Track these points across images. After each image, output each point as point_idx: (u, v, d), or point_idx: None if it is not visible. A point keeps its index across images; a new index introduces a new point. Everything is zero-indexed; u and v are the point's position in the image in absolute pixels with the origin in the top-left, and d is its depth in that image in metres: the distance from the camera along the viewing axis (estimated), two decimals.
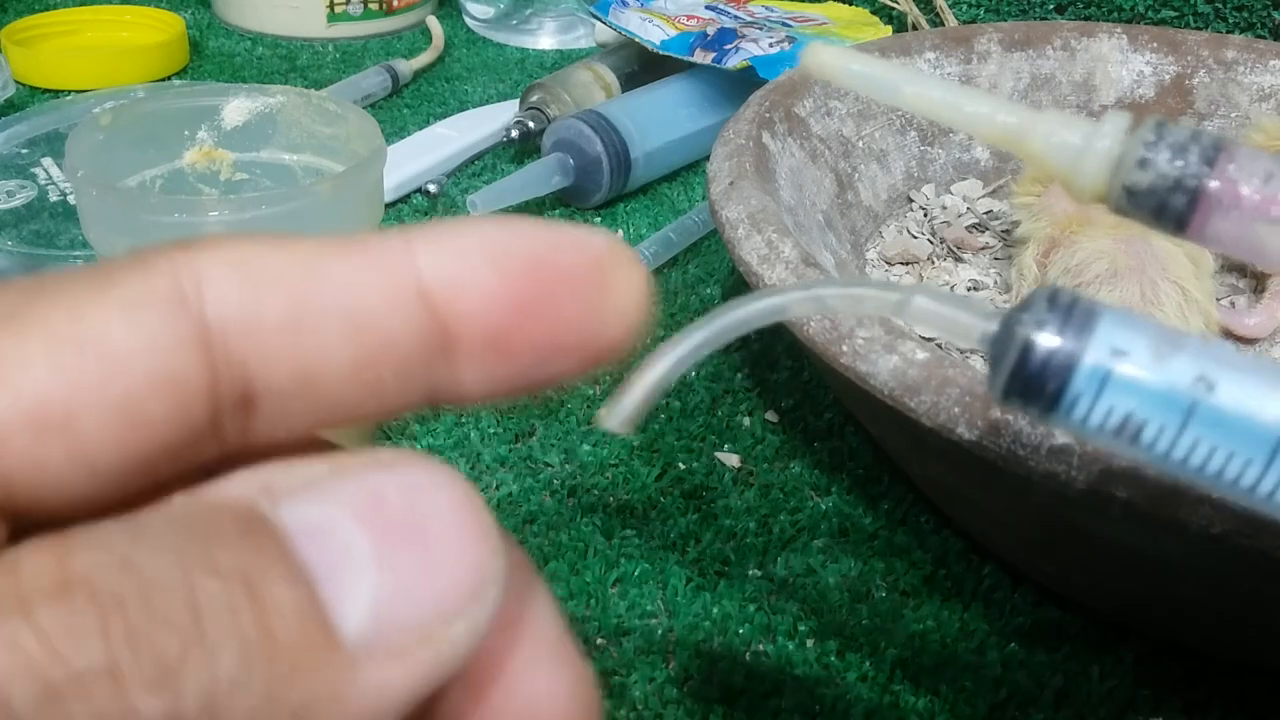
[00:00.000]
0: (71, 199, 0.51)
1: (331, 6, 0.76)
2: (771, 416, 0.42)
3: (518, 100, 0.63)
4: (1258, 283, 0.45)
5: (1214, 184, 0.18)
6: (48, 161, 0.54)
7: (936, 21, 0.75)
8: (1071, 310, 0.16)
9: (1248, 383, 0.16)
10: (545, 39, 0.79)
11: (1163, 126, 0.19)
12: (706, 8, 0.70)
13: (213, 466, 0.13)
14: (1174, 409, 0.16)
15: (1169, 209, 0.18)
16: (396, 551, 0.12)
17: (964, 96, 0.20)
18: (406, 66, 0.69)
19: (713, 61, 0.60)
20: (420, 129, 0.61)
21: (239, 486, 0.12)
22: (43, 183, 0.52)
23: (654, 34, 0.64)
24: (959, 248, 0.48)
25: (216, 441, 0.13)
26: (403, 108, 0.67)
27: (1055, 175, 0.19)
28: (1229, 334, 0.43)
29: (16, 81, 0.67)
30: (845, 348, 0.30)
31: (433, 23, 0.76)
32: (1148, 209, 0.19)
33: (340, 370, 0.13)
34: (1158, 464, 0.17)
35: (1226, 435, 0.16)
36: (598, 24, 0.69)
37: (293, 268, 0.13)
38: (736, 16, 0.68)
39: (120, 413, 0.12)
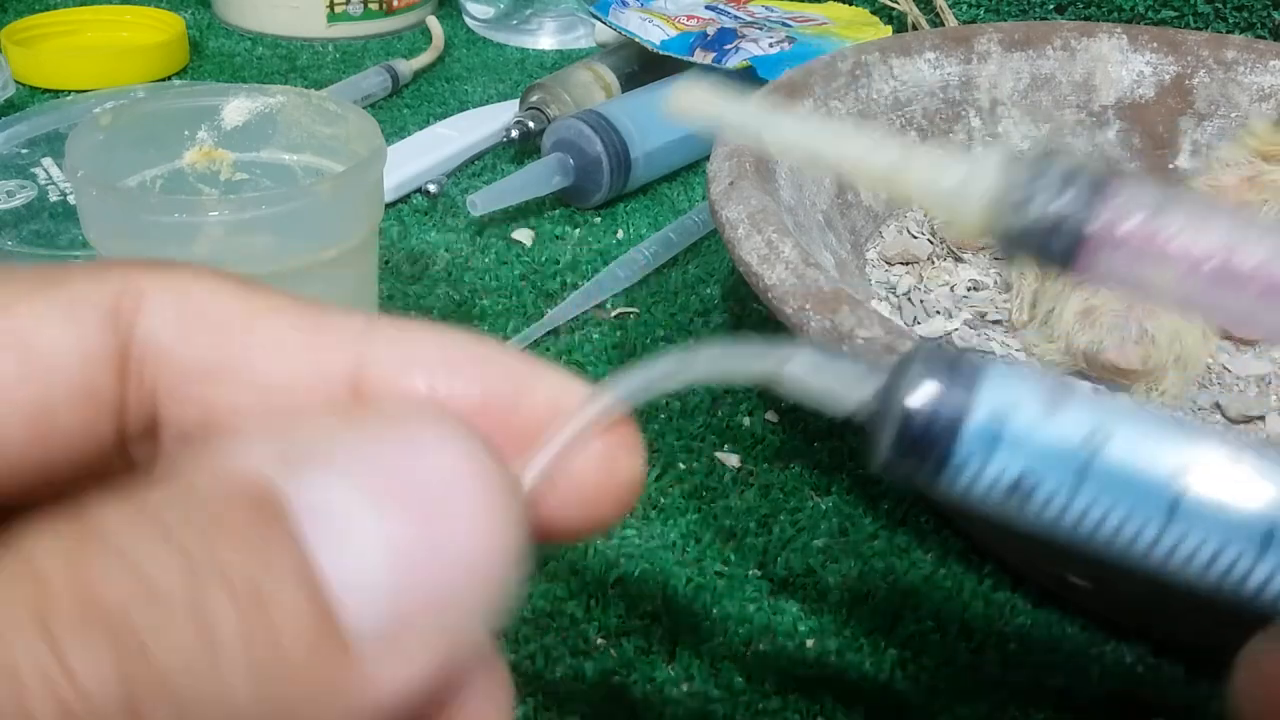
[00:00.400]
0: (71, 199, 0.51)
1: (331, 6, 0.76)
2: (771, 416, 0.42)
3: (518, 100, 0.63)
4: None
5: (1092, 228, 0.17)
6: (48, 161, 0.54)
7: (936, 21, 0.75)
8: (956, 367, 0.16)
9: (1143, 436, 0.15)
10: (545, 39, 0.79)
11: (1038, 166, 0.18)
12: (706, 8, 0.70)
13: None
14: (1067, 467, 0.15)
15: (1049, 253, 0.18)
16: (409, 537, 0.12)
17: (841, 138, 0.19)
18: (406, 66, 0.69)
19: (713, 61, 0.60)
20: (420, 129, 0.61)
21: (256, 452, 0.12)
22: (42, 182, 0.52)
23: (654, 34, 0.64)
24: (959, 247, 0.48)
25: (124, 463, 0.12)
26: (403, 108, 0.67)
27: (938, 217, 0.19)
28: (1228, 335, 0.43)
29: (16, 81, 0.67)
30: (845, 348, 0.30)
31: (433, 23, 0.76)
32: (1029, 252, 0.18)
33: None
34: (1051, 529, 0.16)
35: (1122, 493, 0.15)
36: (598, 24, 0.69)
37: (235, 318, 0.12)
38: (736, 16, 0.68)
39: (31, 413, 0.11)
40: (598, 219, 0.56)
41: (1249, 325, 0.18)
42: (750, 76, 0.58)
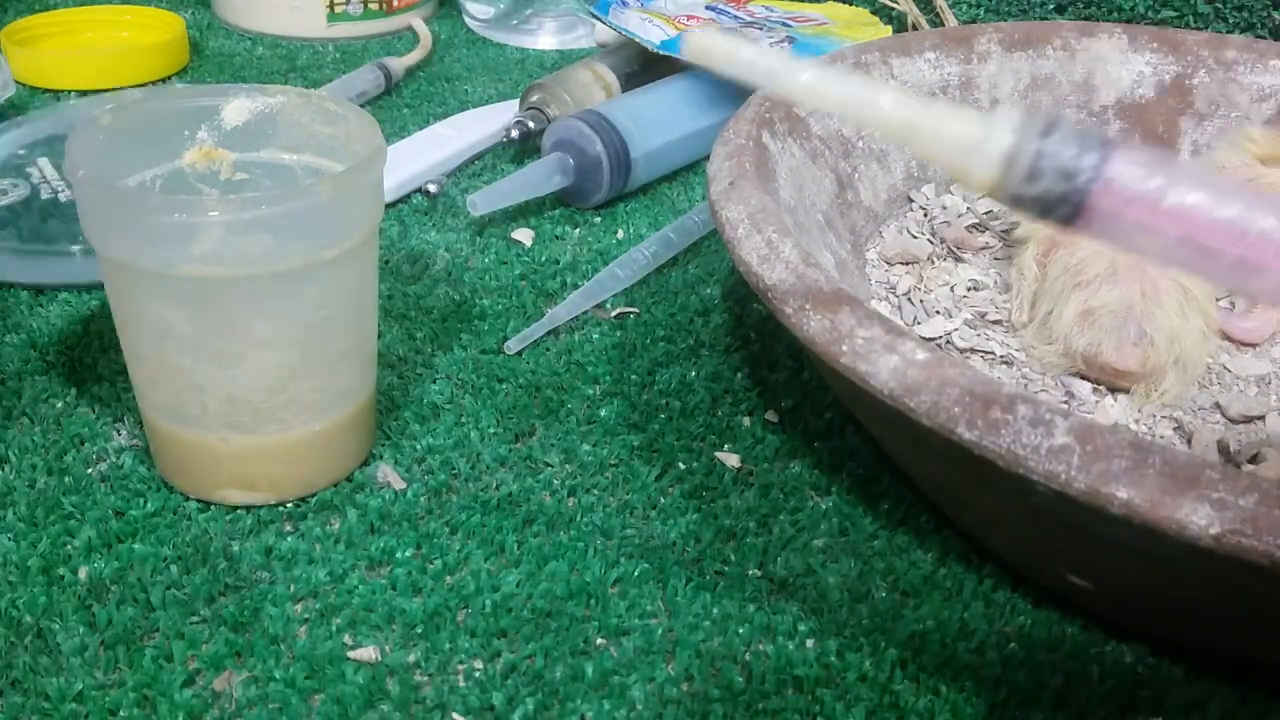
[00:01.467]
0: (63, 198, 0.51)
1: (331, 6, 0.77)
2: (771, 416, 0.42)
3: (518, 100, 0.63)
4: None
5: (1096, 199, 0.19)
6: (43, 161, 0.54)
7: (936, 21, 0.75)
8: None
9: None
10: (545, 39, 0.79)
11: (1049, 132, 0.19)
12: (706, 8, 0.70)
13: None
14: None
15: (1052, 214, 0.19)
16: None
17: (858, 87, 0.20)
18: (398, 64, 0.69)
19: None
20: (420, 129, 0.62)
21: None
22: (36, 181, 0.52)
23: (654, 34, 0.64)
24: (959, 248, 0.48)
25: None
26: (402, 107, 0.67)
27: (948, 173, 0.19)
28: (1227, 337, 0.43)
29: (16, 81, 0.67)
30: (845, 348, 0.30)
31: (417, 23, 0.76)
32: (1034, 213, 0.19)
33: None
34: None
35: None
36: (598, 24, 0.69)
37: None
38: (736, 16, 0.68)
39: None
40: (598, 219, 0.56)
41: (1236, 289, 0.19)
42: None
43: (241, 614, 0.32)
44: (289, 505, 0.36)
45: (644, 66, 0.64)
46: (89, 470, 0.37)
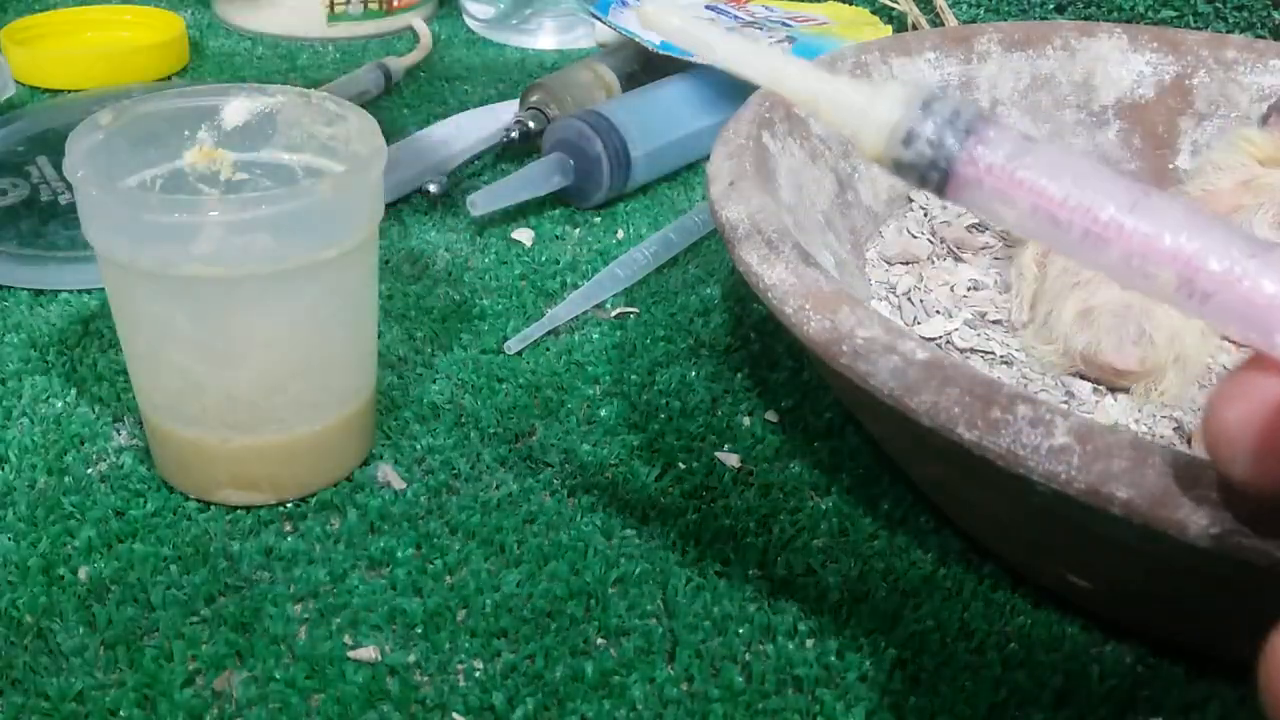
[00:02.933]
0: (63, 199, 0.51)
1: (331, 6, 0.77)
2: (771, 416, 0.42)
3: (518, 100, 0.63)
4: None
5: (962, 166, 0.21)
6: (42, 161, 0.54)
7: (936, 21, 0.75)
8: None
9: None
10: (545, 39, 0.79)
11: (929, 105, 0.22)
12: (706, 8, 0.70)
13: None
14: None
15: (928, 181, 0.22)
16: None
17: (769, 58, 0.23)
18: (397, 64, 0.69)
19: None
20: (420, 129, 0.62)
21: None
22: (35, 181, 0.52)
23: (654, 34, 0.64)
24: (959, 248, 0.48)
25: None
26: (402, 107, 0.67)
27: (843, 136, 0.23)
28: (1226, 336, 0.43)
29: (16, 81, 0.67)
30: (845, 348, 0.30)
31: (417, 22, 0.76)
32: (913, 179, 0.22)
33: None
34: None
35: None
36: (598, 24, 0.69)
37: None
38: (736, 16, 0.68)
39: None
40: (598, 219, 0.56)
41: (1087, 264, 0.21)
42: None
43: (241, 614, 0.32)
44: (289, 505, 0.36)
45: (644, 66, 0.64)
46: (89, 470, 0.37)
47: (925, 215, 0.50)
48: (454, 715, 0.30)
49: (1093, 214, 0.20)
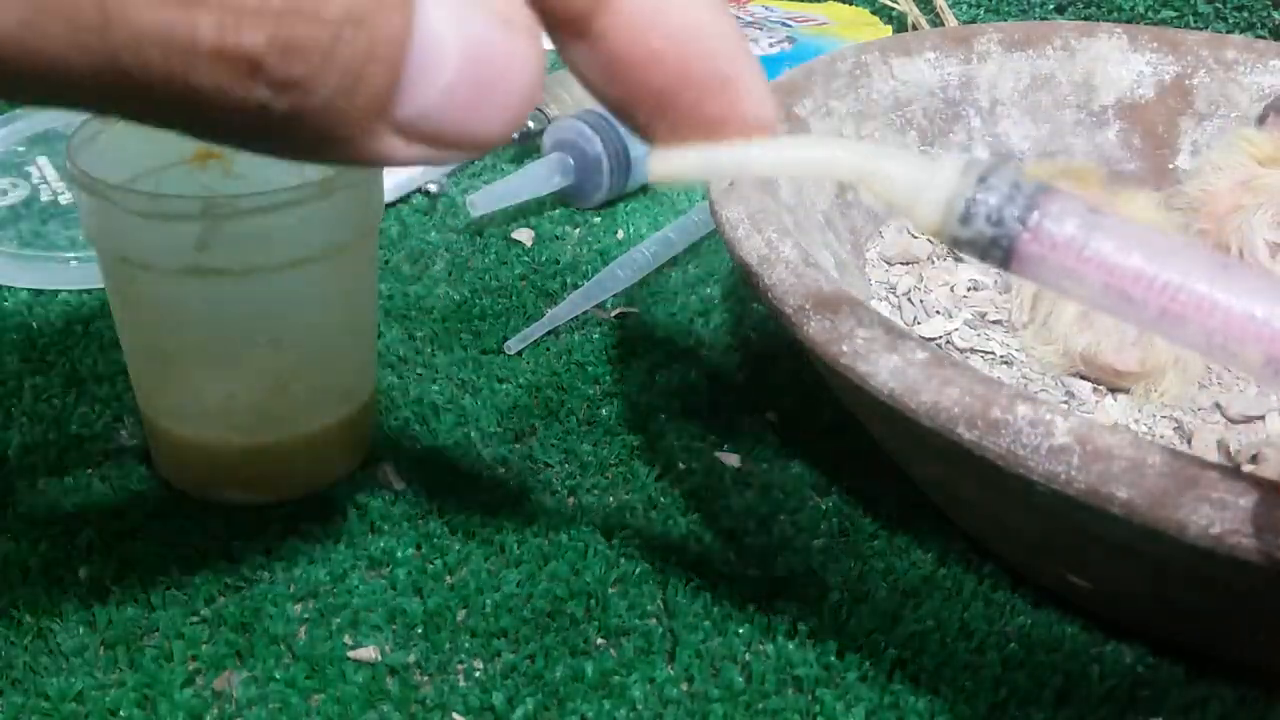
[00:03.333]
0: (63, 199, 0.51)
1: None
2: (771, 416, 0.42)
3: None
4: None
5: (1024, 245, 0.20)
6: (43, 161, 0.54)
7: (936, 21, 0.75)
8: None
9: None
10: (546, 39, 0.79)
11: (985, 179, 0.20)
12: None
13: None
14: None
15: (989, 257, 0.21)
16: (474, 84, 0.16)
17: (815, 149, 0.21)
18: None
19: None
20: None
21: None
22: (35, 181, 0.52)
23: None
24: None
25: None
26: None
27: (900, 211, 0.21)
28: None
29: None
30: (845, 348, 0.30)
31: None
32: (974, 255, 0.21)
33: None
34: None
35: None
36: None
37: None
38: (737, 17, 0.68)
39: None
40: (598, 219, 0.56)
41: (1166, 338, 0.20)
42: None
43: (241, 614, 0.32)
44: (289, 505, 0.36)
45: None
46: (89, 470, 0.37)
47: None
48: (454, 715, 0.30)
49: (1169, 292, 0.19)
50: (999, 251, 0.20)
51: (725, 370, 0.44)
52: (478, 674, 0.31)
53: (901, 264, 0.47)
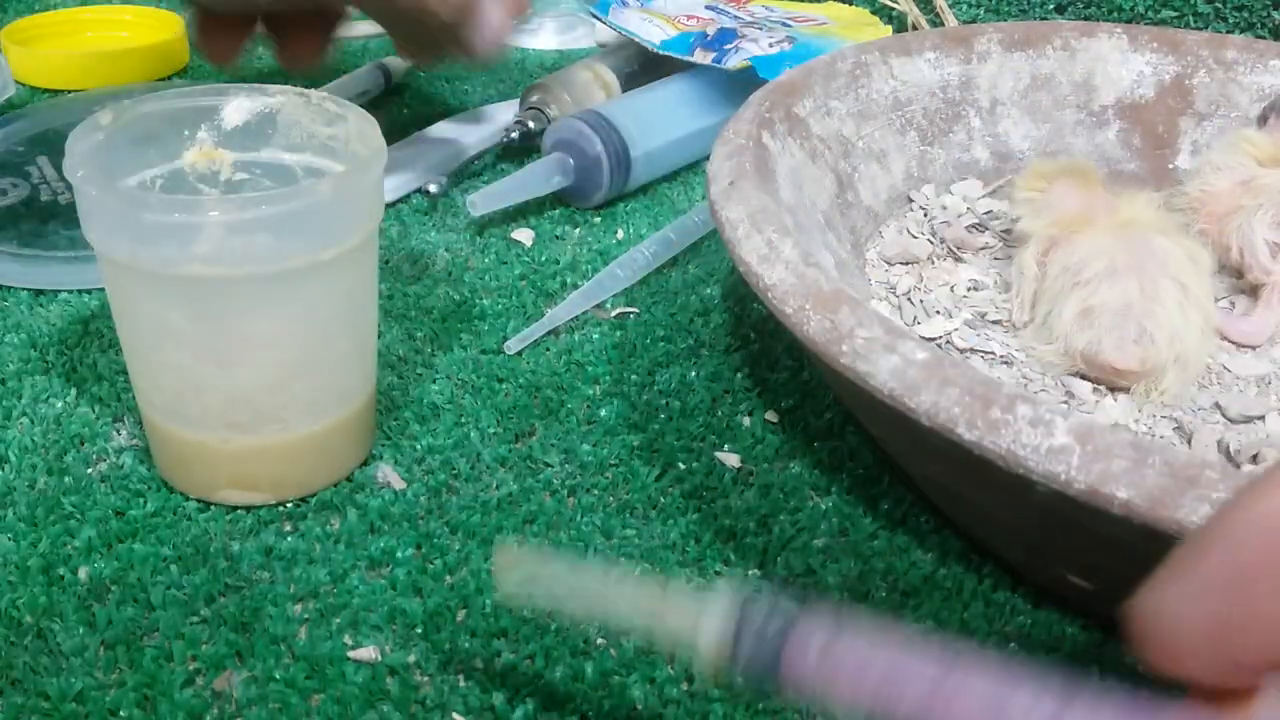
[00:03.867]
0: (63, 199, 0.51)
1: None
2: (771, 416, 0.42)
3: (518, 100, 0.63)
4: (1252, 290, 0.45)
5: (782, 675, 0.23)
6: (43, 161, 0.54)
7: (936, 21, 0.75)
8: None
9: None
10: (545, 39, 0.79)
11: (741, 625, 0.23)
12: (706, 8, 0.70)
13: None
14: None
15: (766, 688, 0.23)
16: None
17: (606, 587, 0.25)
18: (397, 64, 0.69)
19: (713, 61, 0.60)
20: (420, 129, 0.62)
21: None
22: (36, 182, 0.52)
23: (654, 34, 0.64)
24: (959, 248, 0.48)
25: None
26: (402, 107, 0.67)
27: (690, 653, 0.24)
28: (1225, 338, 0.43)
29: (16, 82, 0.67)
30: (845, 348, 0.30)
31: None
32: (754, 686, 0.24)
33: None
34: None
35: None
36: (598, 24, 0.69)
37: None
38: (736, 16, 0.68)
39: None
40: (598, 219, 0.56)
41: None
42: (750, 76, 0.58)
43: (241, 614, 0.32)
44: (289, 505, 0.36)
45: (644, 66, 0.64)
46: (89, 470, 0.37)
47: (925, 215, 0.50)
48: (454, 715, 0.30)
49: (911, 701, 0.22)
50: (770, 683, 0.23)
51: (725, 370, 0.44)
52: (478, 674, 0.31)
53: (901, 264, 0.47)
